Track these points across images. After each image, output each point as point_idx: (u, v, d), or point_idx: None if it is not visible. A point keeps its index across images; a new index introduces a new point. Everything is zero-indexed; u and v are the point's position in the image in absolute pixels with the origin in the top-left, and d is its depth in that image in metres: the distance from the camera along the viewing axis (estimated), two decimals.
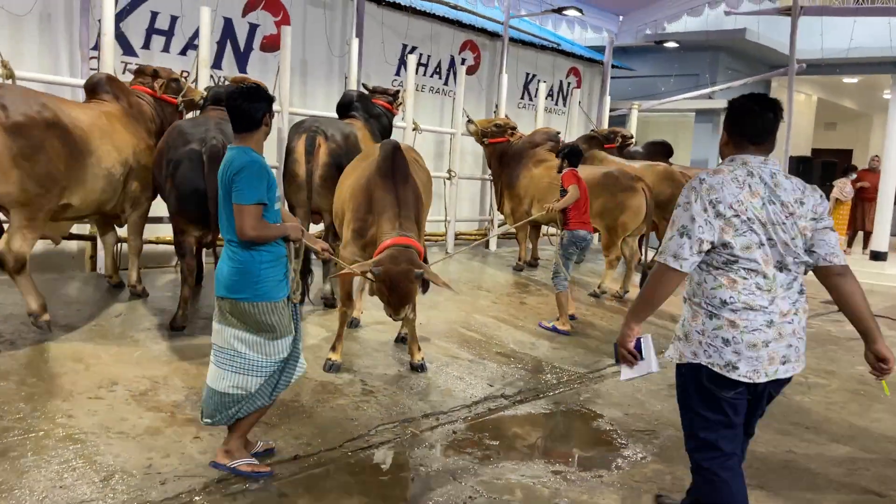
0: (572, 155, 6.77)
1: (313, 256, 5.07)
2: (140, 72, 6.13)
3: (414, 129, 8.50)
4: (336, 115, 7.00)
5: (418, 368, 5.17)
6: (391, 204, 4.54)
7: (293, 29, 8.21)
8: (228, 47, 7.72)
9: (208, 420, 3.40)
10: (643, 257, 8.51)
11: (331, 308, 6.25)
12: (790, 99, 10.22)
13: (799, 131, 15.44)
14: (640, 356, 2.84)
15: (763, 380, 2.68)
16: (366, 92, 7.36)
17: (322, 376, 4.83)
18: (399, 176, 4.68)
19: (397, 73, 9.16)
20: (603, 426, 4.70)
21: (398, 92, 7.46)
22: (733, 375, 2.67)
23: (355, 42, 7.85)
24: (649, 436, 4.56)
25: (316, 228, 6.84)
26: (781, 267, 2.68)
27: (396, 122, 8.05)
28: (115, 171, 5.18)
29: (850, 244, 13.73)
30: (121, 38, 6.83)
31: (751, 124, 2.72)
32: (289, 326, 3.38)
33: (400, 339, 5.62)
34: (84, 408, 3.95)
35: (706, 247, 2.63)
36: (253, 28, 7.86)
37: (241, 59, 7.85)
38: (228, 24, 7.67)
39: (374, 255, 4.32)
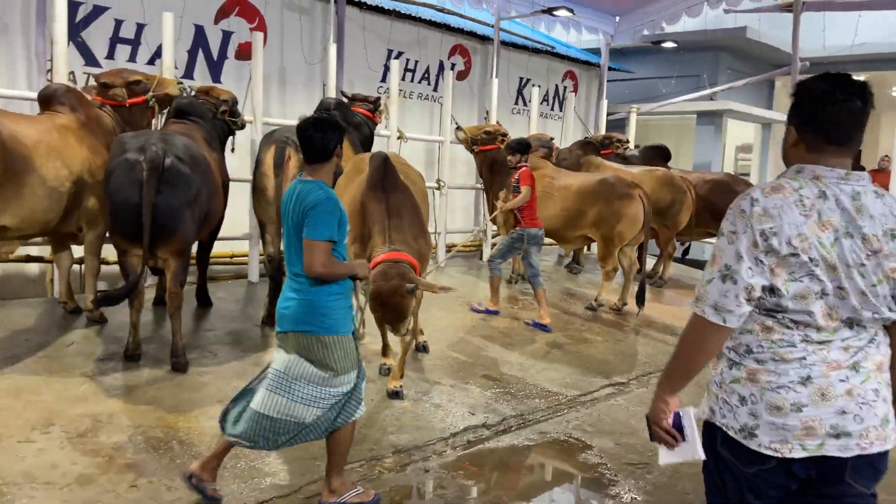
0: (524, 148, 6.91)
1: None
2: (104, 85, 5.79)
3: (399, 138, 8.13)
4: None
5: (392, 395, 4.84)
6: (380, 216, 4.47)
7: (270, 36, 7.89)
8: (200, 56, 7.38)
9: (246, 443, 3.22)
10: (642, 267, 8.09)
11: None
12: None
13: None
14: (682, 436, 2.11)
15: (799, 455, 1.96)
16: (344, 100, 6.99)
17: None
18: (388, 186, 4.58)
19: (383, 80, 8.79)
20: (591, 459, 4.28)
21: (378, 99, 7.08)
22: (752, 445, 2.00)
23: (333, 47, 7.49)
24: (642, 470, 4.14)
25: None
26: (852, 324, 1.99)
27: (380, 130, 7.68)
28: (63, 188, 4.82)
29: None
30: (82, 47, 6.49)
31: (831, 116, 1.98)
32: (353, 362, 3.25)
33: (385, 371, 5.19)
34: (11, 453, 3.57)
35: (757, 293, 1.96)
36: (226, 36, 7.52)
37: (215, 68, 7.50)
38: (200, 31, 7.33)
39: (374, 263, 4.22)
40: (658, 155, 9.94)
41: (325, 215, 3.07)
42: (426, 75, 9.70)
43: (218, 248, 7.26)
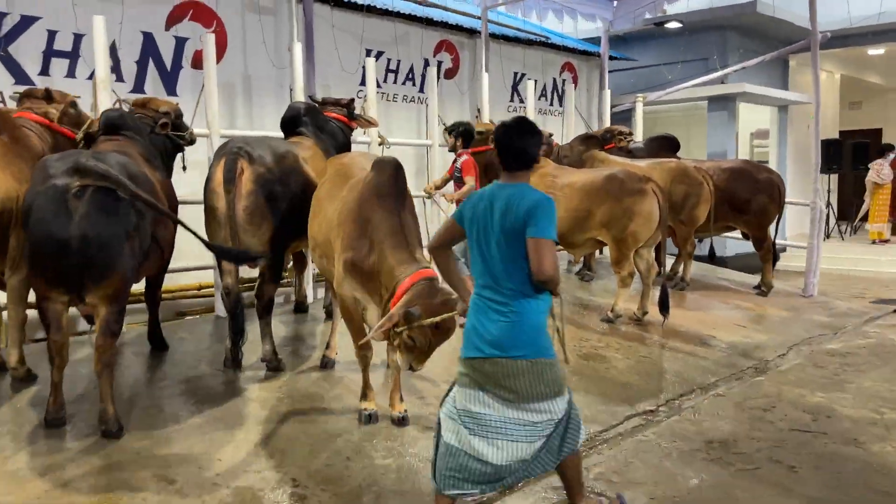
0: (467, 135, 6.67)
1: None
2: (28, 95, 5.02)
3: (381, 144, 7.30)
4: (281, 134, 5.85)
5: (399, 421, 4.29)
6: (395, 230, 3.88)
7: (231, 40, 7.13)
8: (151, 66, 6.61)
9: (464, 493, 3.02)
10: (661, 269, 7.21)
11: (276, 371, 5.01)
12: (816, 76, 8.91)
13: (824, 112, 14.03)
14: None
15: None
16: (316, 104, 6.19)
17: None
18: (401, 198, 4.04)
19: (362, 83, 7.97)
20: None
21: (352, 101, 6.27)
22: None
23: (298, 47, 6.69)
24: None
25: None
26: None
27: (357, 136, 6.86)
28: None
29: (894, 231, 12.30)
30: (9, 62, 5.73)
31: None
32: (563, 386, 3.05)
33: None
34: None
35: None
36: (180, 42, 6.75)
37: (169, 79, 6.73)
38: (149, 39, 6.56)
39: (394, 301, 3.59)
40: (665, 146, 9.06)
41: (550, 213, 2.85)
42: (410, 75, 8.90)
43: (185, 279, 6.49)
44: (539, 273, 2.78)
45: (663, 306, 6.52)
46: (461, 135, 6.68)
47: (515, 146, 2.98)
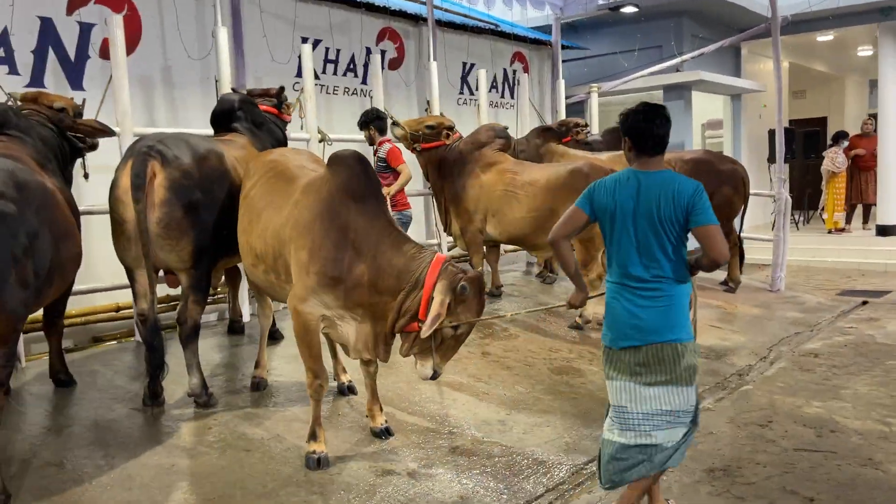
0: (380, 122, 6.55)
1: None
2: None
3: (322, 141, 6.59)
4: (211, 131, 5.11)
5: (382, 434, 3.99)
6: (388, 229, 3.57)
7: (146, 27, 6.30)
8: (52, 56, 5.73)
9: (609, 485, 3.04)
10: None
11: (205, 407, 4.28)
12: (777, 60, 8.59)
13: (775, 101, 13.86)
14: None
15: None
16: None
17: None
18: (380, 195, 3.73)
19: (298, 74, 7.20)
20: None
21: (282, 91, 5.54)
22: None
23: (222, 33, 5.91)
24: None
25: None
26: None
27: (293, 131, 6.15)
28: None
29: (848, 220, 12.13)
30: None
31: None
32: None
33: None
34: None
35: None
36: (85, 29, 5.89)
37: (73, 72, 5.86)
38: (48, 25, 5.69)
39: (427, 291, 3.37)
40: None
41: (708, 199, 2.86)
42: (351, 66, 8.18)
43: (101, 300, 5.66)
44: (720, 258, 2.83)
45: None
46: (372, 123, 6.55)
47: (656, 133, 2.92)
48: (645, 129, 2.91)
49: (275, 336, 5.57)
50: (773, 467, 3.82)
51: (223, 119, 4.96)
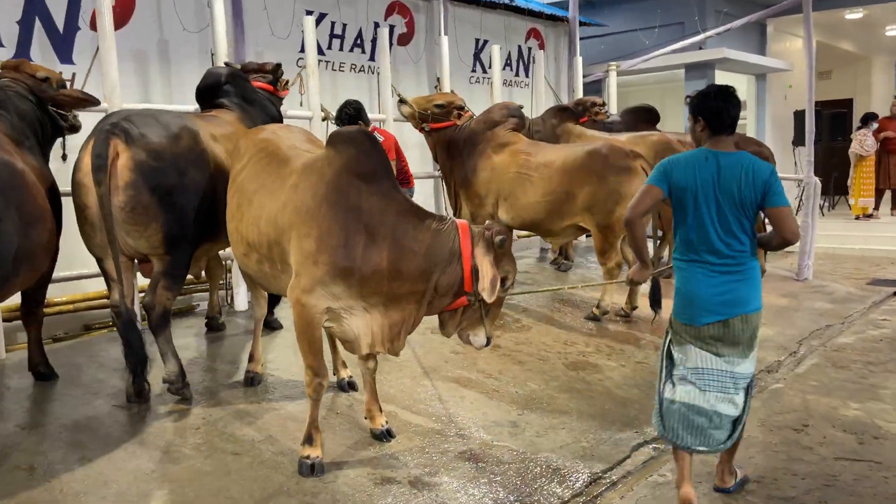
0: (357, 112, 5.85)
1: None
2: None
3: (324, 119, 6.24)
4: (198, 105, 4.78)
5: (383, 436, 3.70)
6: (406, 206, 3.30)
7: None
8: (39, 28, 5.42)
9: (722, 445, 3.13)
10: (656, 258, 6.34)
11: (180, 396, 3.97)
12: (809, 37, 8.10)
13: (800, 81, 13.33)
14: None
15: None
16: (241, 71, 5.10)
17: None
18: (391, 172, 3.40)
19: (302, 49, 6.84)
20: None
21: (278, 67, 5.18)
22: None
23: (218, 4, 5.53)
24: None
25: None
26: None
27: (293, 109, 5.81)
28: None
29: (877, 206, 11.65)
30: None
31: None
32: None
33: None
34: None
35: None
36: (74, 0, 5.55)
37: (63, 44, 5.55)
38: None
39: (467, 257, 3.23)
40: (644, 118, 8.14)
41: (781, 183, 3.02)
42: (358, 41, 7.81)
43: (91, 286, 5.37)
44: (793, 237, 2.99)
45: (655, 300, 5.65)
46: (351, 118, 5.77)
47: (732, 113, 3.01)
48: (722, 108, 2.98)
49: (272, 325, 5.26)
50: (813, 479, 3.46)
51: (209, 94, 4.61)
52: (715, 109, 2.99)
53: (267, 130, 4.01)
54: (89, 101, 4.20)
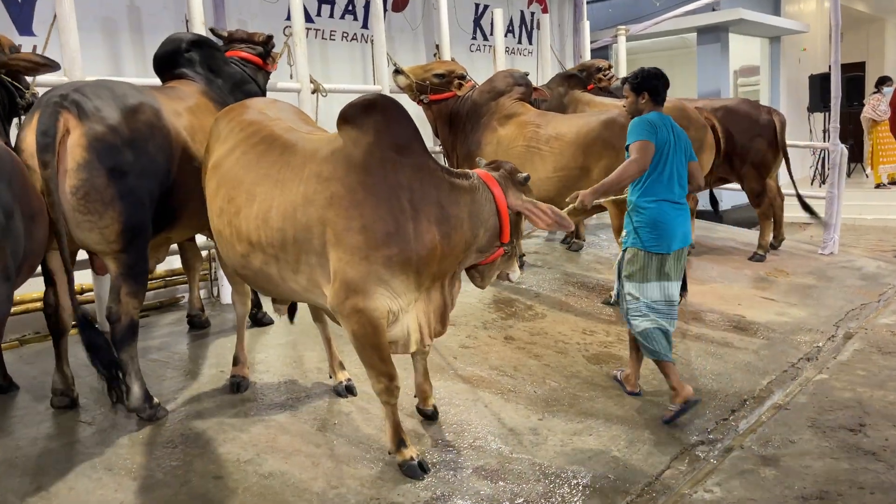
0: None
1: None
2: None
3: (315, 92, 5.70)
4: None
5: (433, 416, 3.58)
6: (438, 172, 2.97)
7: None
8: None
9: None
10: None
11: (150, 421, 3.49)
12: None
13: (815, 43, 12.77)
14: None
15: None
16: (213, 38, 4.56)
17: None
18: (419, 135, 3.03)
19: (288, 17, 6.27)
20: None
21: (269, 39, 4.65)
22: None
23: None
24: None
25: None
26: None
27: (278, 81, 5.28)
28: None
29: None
30: None
31: None
32: None
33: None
34: None
35: None
36: None
37: (21, 15, 4.98)
38: None
39: (500, 198, 3.04)
40: None
41: None
42: (350, 7, 7.23)
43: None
44: (701, 187, 4.08)
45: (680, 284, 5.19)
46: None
47: (666, 89, 3.83)
48: (661, 85, 3.79)
49: (262, 321, 4.78)
50: (883, 493, 3.01)
51: (168, 62, 4.08)
52: (656, 86, 3.76)
53: (251, 109, 3.50)
54: (49, 66, 3.65)
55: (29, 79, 3.78)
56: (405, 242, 2.81)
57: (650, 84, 3.75)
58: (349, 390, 3.79)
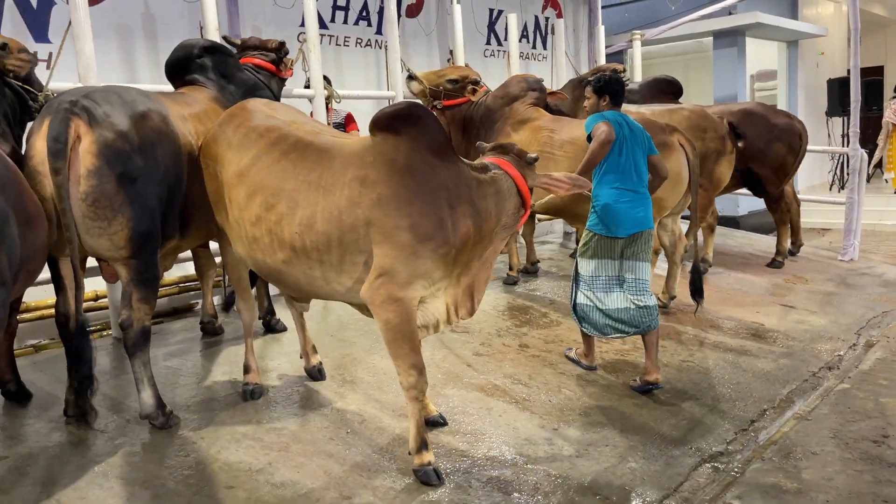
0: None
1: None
2: None
3: (328, 98, 5.69)
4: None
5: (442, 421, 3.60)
6: (465, 170, 3.17)
7: None
8: (9, 4, 4.89)
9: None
10: (694, 243, 5.75)
11: (163, 429, 3.47)
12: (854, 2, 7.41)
13: (833, 47, 12.64)
14: None
15: None
16: (227, 45, 4.55)
17: None
18: (450, 139, 3.43)
19: (302, 24, 6.27)
20: None
21: (282, 45, 4.64)
22: None
23: None
24: None
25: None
26: None
27: (293, 88, 5.27)
28: None
29: None
30: None
31: None
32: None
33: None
34: None
35: None
36: None
37: (36, 20, 5.01)
38: None
39: (518, 179, 3.24)
40: (665, 90, 7.42)
41: None
42: (364, 13, 7.23)
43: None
44: (666, 177, 4.39)
45: (696, 290, 5.13)
46: None
47: (624, 92, 4.37)
48: (621, 89, 4.28)
49: (275, 328, 4.76)
50: None
51: (179, 68, 4.07)
52: (616, 90, 4.23)
53: (256, 113, 3.51)
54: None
55: (43, 81, 3.79)
56: (446, 237, 3.04)
57: (612, 88, 4.22)
58: (321, 373, 4.02)
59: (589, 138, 4.15)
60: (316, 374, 4.02)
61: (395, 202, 3.03)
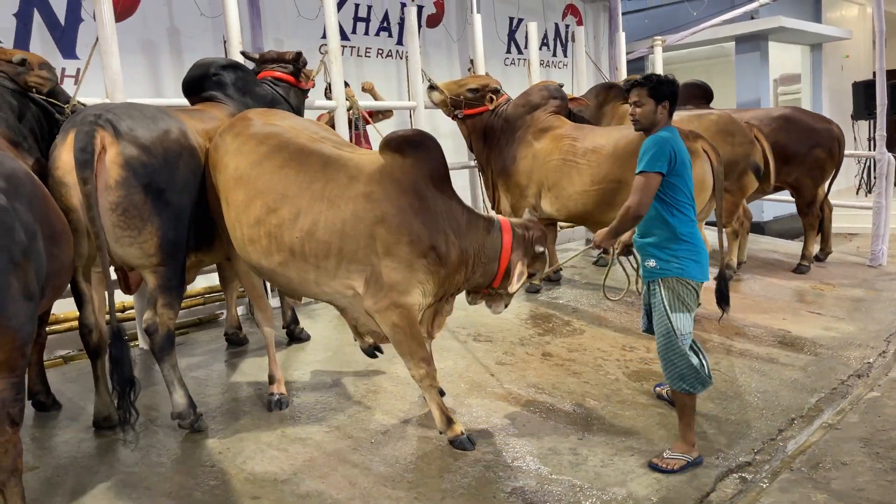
0: None
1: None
2: None
3: (350, 110, 5.72)
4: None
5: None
6: (460, 209, 3.47)
7: None
8: (38, 20, 5.00)
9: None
10: (723, 251, 5.70)
11: (192, 430, 3.52)
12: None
13: (858, 49, 12.47)
14: None
15: None
16: (245, 61, 4.61)
17: None
18: (449, 175, 3.54)
19: (324, 35, 6.33)
20: None
21: (299, 56, 4.68)
22: None
23: None
24: None
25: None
26: None
27: (319, 98, 5.31)
28: None
29: None
30: None
31: None
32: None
33: None
34: None
35: None
36: None
37: (64, 38, 5.12)
38: None
39: (505, 252, 3.48)
40: (696, 95, 7.36)
41: None
42: (385, 24, 7.28)
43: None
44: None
45: (722, 298, 5.03)
46: None
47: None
48: (678, 91, 3.32)
49: (300, 338, 4.79)
50: None
51: (196, 86, 4.13)
52: (675, 93, 3.29)
53: (255, 121, 3.63)
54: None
55: (70, 94, 3.87)
56: (440, 255, 3.32)
57: (672, 90, 3.27)
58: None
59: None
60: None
61: (399, 219, 3.27)
